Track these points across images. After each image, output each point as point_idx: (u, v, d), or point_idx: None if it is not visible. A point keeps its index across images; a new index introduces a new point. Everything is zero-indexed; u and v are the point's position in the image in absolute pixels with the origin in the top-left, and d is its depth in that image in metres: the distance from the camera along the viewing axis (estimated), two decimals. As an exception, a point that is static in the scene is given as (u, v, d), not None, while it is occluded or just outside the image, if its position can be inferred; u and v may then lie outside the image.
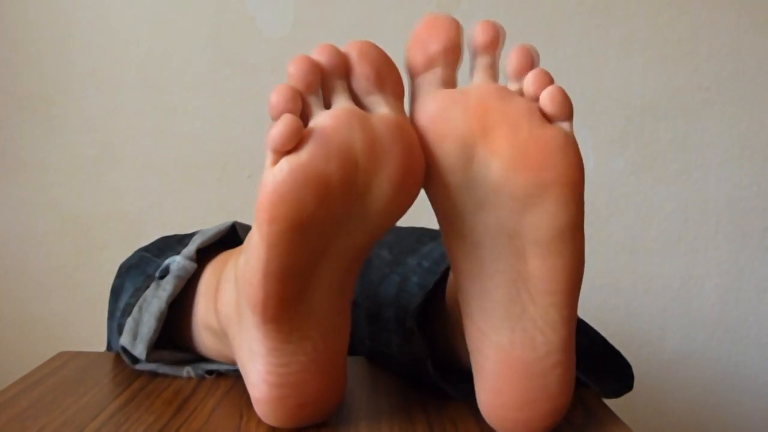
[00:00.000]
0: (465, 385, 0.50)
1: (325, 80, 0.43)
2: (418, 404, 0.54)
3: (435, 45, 0.45)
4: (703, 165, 1.07)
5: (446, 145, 0.43)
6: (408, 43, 0.46)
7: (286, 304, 0.44)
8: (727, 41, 1.06)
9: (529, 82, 0.44)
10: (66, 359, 0.65)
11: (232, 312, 0.51)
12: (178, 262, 0.59)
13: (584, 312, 0.63)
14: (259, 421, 0.49)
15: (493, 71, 0.45)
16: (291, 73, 0.42)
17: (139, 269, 0.63)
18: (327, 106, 0.43)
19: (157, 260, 0.63)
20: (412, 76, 0.45)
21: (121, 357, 0.63)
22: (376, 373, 0.61)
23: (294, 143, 0.40)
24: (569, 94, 0.45)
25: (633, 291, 1.08)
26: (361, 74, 0.43)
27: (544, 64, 0.46)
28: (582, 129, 1.06)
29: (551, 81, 0.44)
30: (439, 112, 0.43)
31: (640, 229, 1.08)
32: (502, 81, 0.46)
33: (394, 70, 0.45)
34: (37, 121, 1.06)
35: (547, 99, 0.43)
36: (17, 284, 1.08)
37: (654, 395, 1.09)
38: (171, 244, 0.65)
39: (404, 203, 0.44)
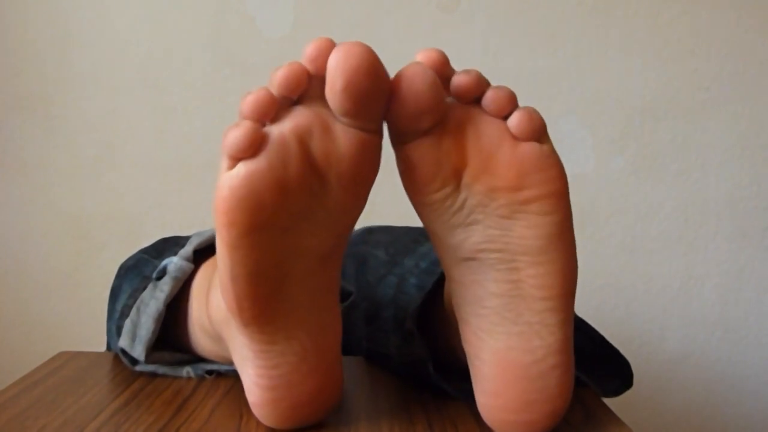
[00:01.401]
0: (466, 385, 0.50)
1: (309, 84, 0.42)
2: (418, 404, 0.54)
3: (424, 122, 0.42)
4: (703, 165, 1.07)
5: (432, 170, 0.43)
6: (396, 108, 0.42)
7: (262, 305, 0.44)
8: (727, 41, 1.06)
9: (488, 108, 0.43)
10: (66, 359, 0.65)
11: (223, 317, 0.51)
12: (175, 263, 0.59)
13: (584, 312, 0.63)
14: (259, 421, 0.49)
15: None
16: (278, 81, 0.41)
17: (136, 270, 0.63)
18: (300, 101, 0.42)
19: (154, 262, 0.63)
20: (397, 135, 0.44)
21: (119, 356, 0.63)
22: (375, 374, 0.61)
23: (251, 152, 0.40)
24: (569, 95, 0.45)
25: (633, 291, 1.08)
26: (339, 105, 0.40)
27: (545, 63, 0.45)
28: (582, 129, 1.06)
29: (508, 99, 0.43)
30: (421, 156, 0.43)
31: (640, 229, 1.08)
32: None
33: (377, 107, 0.42)
34: (37, 121, 1.06)
35: (513, 126, 0.42)
36: (17, 284, 1.08)
37: (654, 395, 1.09)
38: (169, 246, 0.65)
39: (358, 206, 0.44)
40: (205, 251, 0.61)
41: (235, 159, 0.41)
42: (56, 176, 1.06)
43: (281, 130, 0.41)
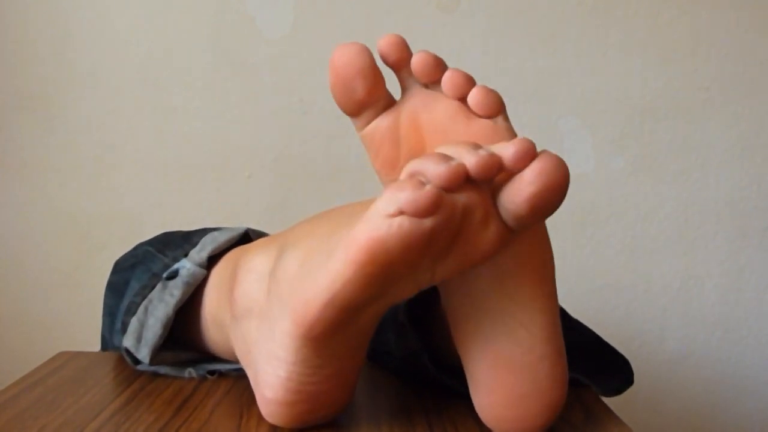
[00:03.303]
0: (464, 381, 0.50)
1: None
2: (418, 405, 0.54)
3: (358, 90, 0.44)
4: (703, 165, 1.07)
5: (393, 153, 0.46)
6: (331, 83, 0.45)
7: (332, 329, 0.44)
8: (727, 41, 1.06)
9: (446, 87, 0.44)
10: (66, 359, 0.65)
11: (252, 305, 0.51)
12: (188, 268, 0.59)
13: (584, 312, 0.63)
14: (259, 421, 0.49)
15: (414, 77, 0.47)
16: (473, 168, 0.40)
17: (144, 266, 0.63)
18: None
19: (161, 256, 0.62)
20: (348, 114, 0.47)
21: (121, 356, 0.63)
22: (376, 373, 0.61)
23: (424, 215, 0.39)
24: (569, 95, 0.45)
25: (633, 291, 1.08)
26: (517, 208, 0.41)
27: (545, 63, 0.46)
28: (582, 129, 1.06)
29: (466, 79, 0.44)
30: (382, 138, 0.46)
31: (640, 229, 1.08)
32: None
33: (547, 216, 0.42)
34: (37, 121, 1.06)
35: (473, 102, 0.44)
36: (17, 284, 1.08)
37: (654, 395, 1.09)
38: (175, 239, 0.64)
39: (454, 277, 0.44)
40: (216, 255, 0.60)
41: (404, 213, 0.40)
42: (56, 176, 1.06)
43: (455, 202, 0.40)
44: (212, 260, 0.60)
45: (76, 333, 1.06)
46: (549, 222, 0.45)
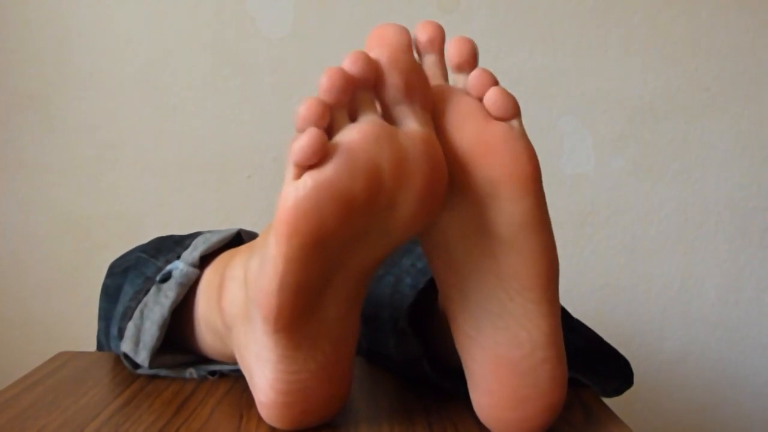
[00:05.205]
0: (463, 382, 0.50)
1: (355, 92, 0.41)
2: (418, 404, 0.54)
3: (395, 85, 0.42)
4: (703, 165, 1.07)
5: None
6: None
7: (298, 315, 0.43)
8: (727, 41, 1.06)
9: (471, 84, 0.44)
10: (66, 359, 0.65)
11: (238, 312, 0.51)
12: (181, 269, 0.59)
13: (584, 312, 0.63)
14: (259, 421, 0.49)
15: (440, 68, 0.46)
16: (323, 87, 0.40)
17: (136, 271, 0.63)
18: (353, 117, 0.42)
19: (154, 261, 0.62)
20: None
21: (121, 359, 0.63)
22: (375, 373, 0.61)
23: (318, 158, 0.39)
24: (569, 95, 0.45)
25: (633, 291, 1.08)
26: (391, 84, 0.41)
27: (545, 63, 0.46)
28: (582, 129, 1.06)
29: (493, 80, 0.44)
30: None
31: (640, 229, 1.08)
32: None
33: (422, 78, 0.43)
34: (37, 121, 1.06)
35: (489, 103, 0.43)
36: (17, 284, 1.08)
37: (654, 395, 1.09)
38: (168, 244, 0.64)
39: (426, 220, 0.43)
40: (208, 255, 0.61)
41: (302, 167, 0.40)
42: (56, 176, 1.06)
43: (348, 138, 0.40)
44: (205, 261, 0.60)
45: (76, 333, 1.06)
46: (549, 222, 0.45)
